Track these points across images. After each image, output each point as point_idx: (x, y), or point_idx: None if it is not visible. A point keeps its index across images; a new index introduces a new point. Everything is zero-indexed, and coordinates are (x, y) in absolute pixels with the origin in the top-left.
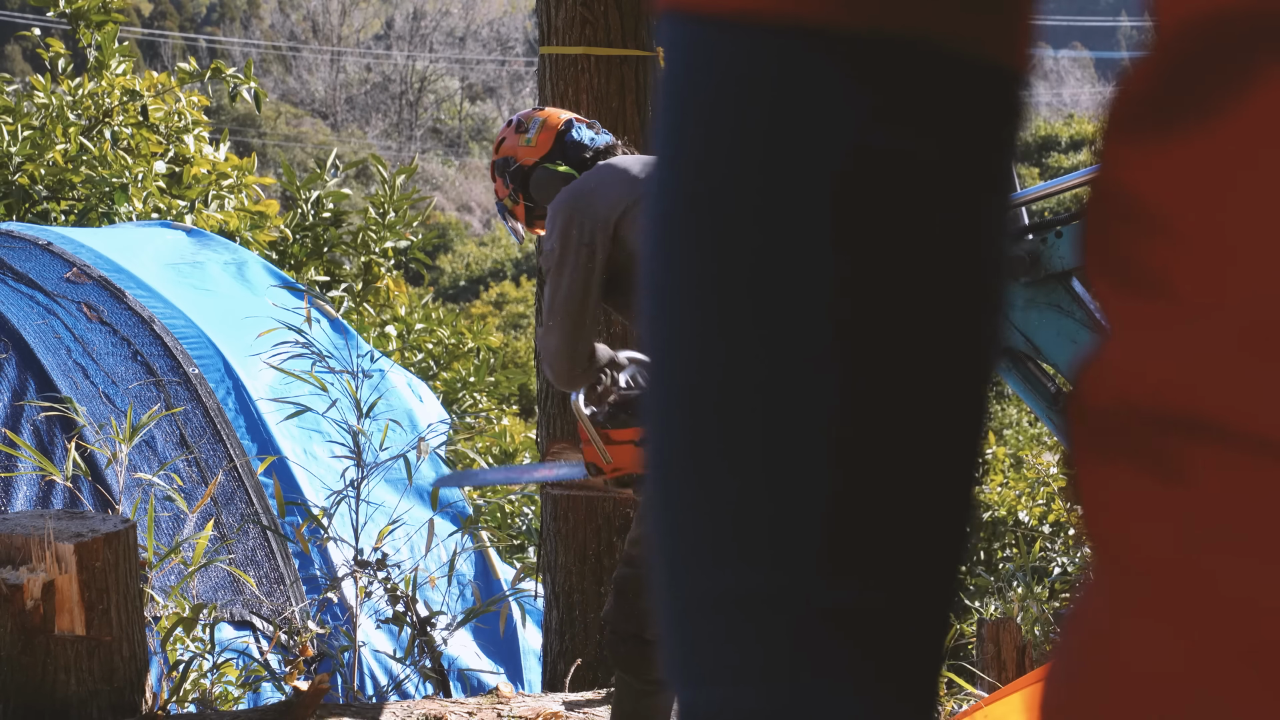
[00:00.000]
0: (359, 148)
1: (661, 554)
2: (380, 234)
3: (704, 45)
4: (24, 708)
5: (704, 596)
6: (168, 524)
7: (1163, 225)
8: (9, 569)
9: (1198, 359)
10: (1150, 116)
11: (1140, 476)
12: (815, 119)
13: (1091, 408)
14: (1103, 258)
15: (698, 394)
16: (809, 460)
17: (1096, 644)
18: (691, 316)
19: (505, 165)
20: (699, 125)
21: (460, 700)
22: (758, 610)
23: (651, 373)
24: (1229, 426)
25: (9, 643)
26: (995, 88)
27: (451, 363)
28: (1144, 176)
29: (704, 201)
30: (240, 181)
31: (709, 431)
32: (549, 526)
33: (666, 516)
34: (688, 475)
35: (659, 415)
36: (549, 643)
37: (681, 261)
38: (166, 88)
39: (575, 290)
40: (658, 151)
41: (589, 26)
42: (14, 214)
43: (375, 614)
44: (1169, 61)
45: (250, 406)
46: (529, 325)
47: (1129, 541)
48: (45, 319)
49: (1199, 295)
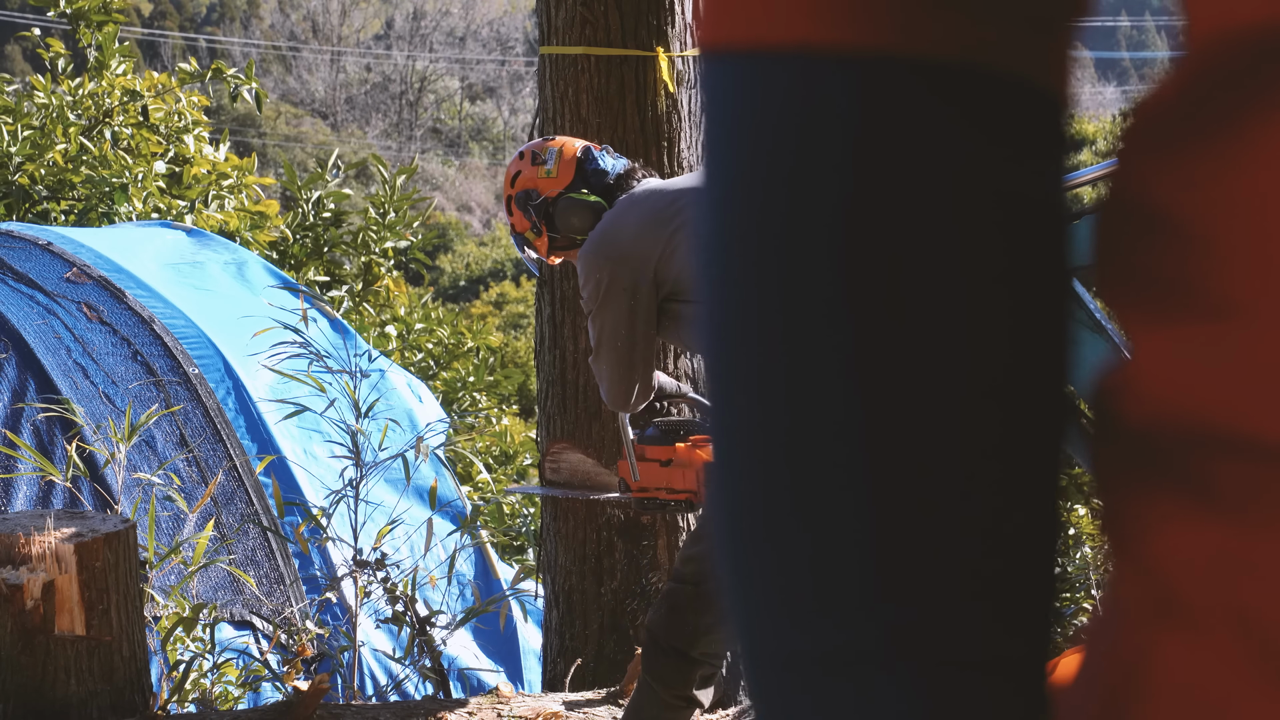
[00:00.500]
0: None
1: (738, 614)
2: (380, 234)
3: (758, 80)
4: (24, 708)
5: (779, 655)
6: (168, 524)
7: (1198, 239)
8: (9, 569)
9: (1240, 376)
10: (1180, 128)
11: (1181, 497)
12: (886, 148)
13: (1123, 428)
14: (1123, 271)
15: (768, 450)
16: (890, 514)
17: (1130, 662)
18: (759, 371)
19: (527, 199)
20: (765, 166)
21: (460, 700)
22: (838, 668)
23: (718, 428)
24: (1270, 444)
25: (9, 643)
26: (1048, 114)
27: (451, 363)
28: (1175, 190)
29: (772, 246)
30: (240, 182)
31: (782, 487)
32: (549, 526)
33: (741, 574)
34: (759, 534)
35: (727, 472)
36: (549, 643)
37: (746, 312)
38: (167, 88)
39: (618, 331)
40: (711, 194)
41: (589, 26)
42: (14, 214)
43: (375, 614)
44: (1202, 72)
45: (250, 406)
46: (529, 325)
47: (1167, 564)
48: (45, 319)
49: (1241, 310)
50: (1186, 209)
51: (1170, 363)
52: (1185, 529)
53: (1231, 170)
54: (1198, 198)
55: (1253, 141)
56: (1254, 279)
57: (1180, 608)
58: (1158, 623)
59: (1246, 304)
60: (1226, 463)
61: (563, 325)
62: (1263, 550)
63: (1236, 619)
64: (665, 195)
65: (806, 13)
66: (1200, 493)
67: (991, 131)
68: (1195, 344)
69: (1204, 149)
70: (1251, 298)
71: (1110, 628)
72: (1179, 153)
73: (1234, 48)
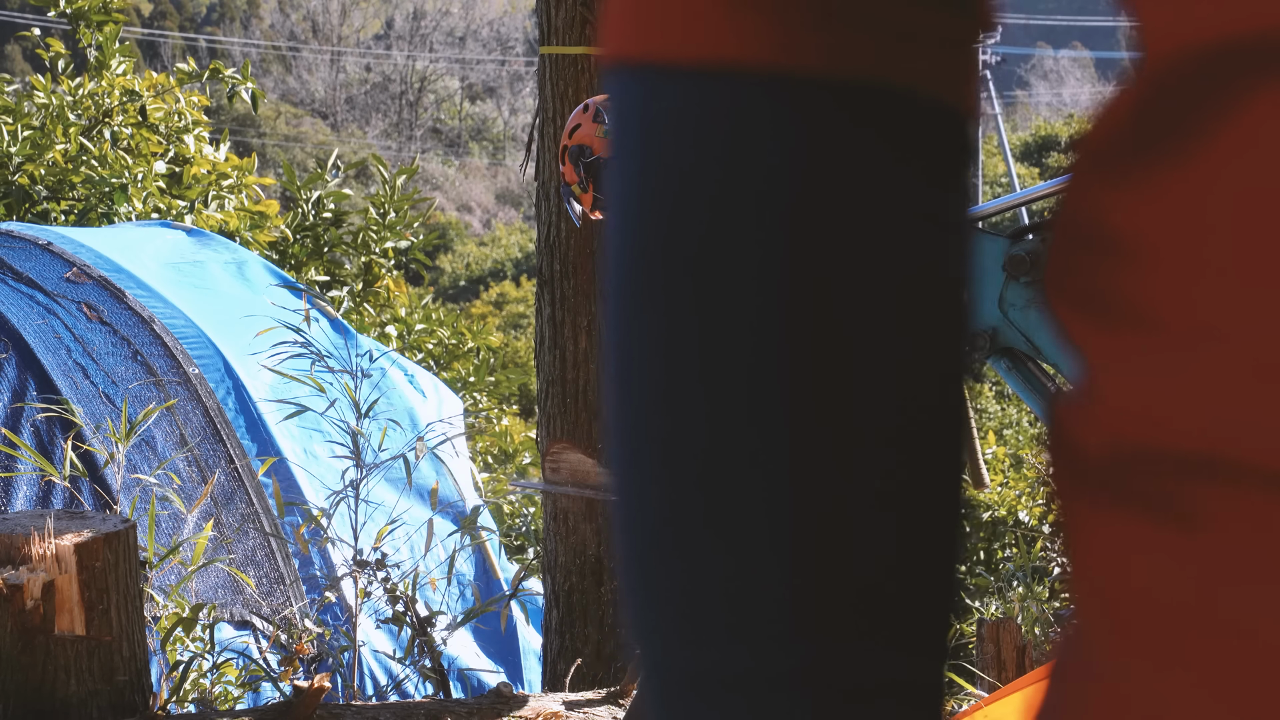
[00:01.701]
0: (359, 148)
1: (640, 633)
2: (380, 234)
3: (661, 96)
4: (24, 708)
5: (685, 675)
6: (168, 524)
7: (1147, 257)
8: (9, 569)
9: (1196, 394)
10: (1129, 148)
11: (1144, 521)
12: (781, 164)
13: (1081, 451)
14: (1074, 291)
15: (670, 462)
16: (792, 531)
17: (1100, 693)
18: (660, 383)
19: (580, 154)
20: (663, 177)
21: (460, 700)
22: (743, 687)
23: (617, 440)
24: (1240, 463)
25: (9, 643)
26: (950, 128)
27: (451, 363)
28: (1125, 208)
29: (674, 258)
30: (240, 182)
31: (685, 504)
32: (549, 526)
33: (643, 594)
34: (662, 552)
35: (626, 490)
36: (549, 643)
37: (648, 326)
38: (166, 88)
39: None
40: (613, 208)
41: (589, 26)
42: (14, 214)
43: (375, 614)
44: (1153, 92)
45: (250, 406)
46: (529, 325)
47: (1135, 588)
48: (45, 319)
49: (1195, 328)
50: (1136, 228)
51: (1125, 384)
52: (1144, 549)
53: (1176, 187)
54: (1148, 217)
55: (1194, 160)
56: (1203, 295)
57: (1138, 628)
58: (1118, 646)
59: (1198, 321)
60: (1198, 485)
61: (563, 325)
62: (1245, 573)
63: (1204, 639)
64: None
65: (721, 30)
66: (1160, 513)
67: (904, 148)
68: (1153, 365)
69: (1151, 169)
70: (1203, 315)
71: (1074, 658)
72: (1126, 173)
73: (1186, 65)
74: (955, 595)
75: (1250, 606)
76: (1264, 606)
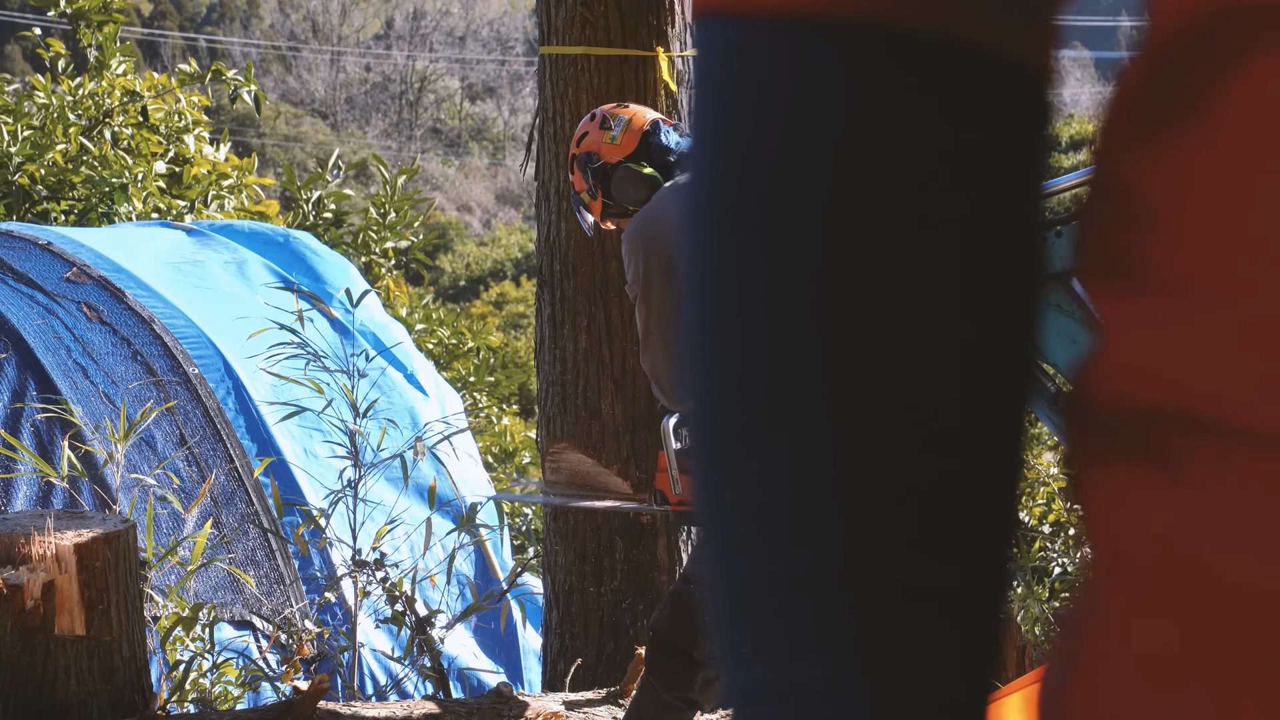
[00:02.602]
0: (359, 148)
1: (713, 538)
2: (380, 234)
3: (739, 45)
4: (24, 708)
5: (758, 577)
6: (167, 524)
7: (1159, 220)
8: (9, 569)
9: (1193, 354)
10: (1145, 113)
11: (1139, 473)
12: (852, 113)
13: (1090, 407)
14: (1098, 255)
15: (747, 376)
16: (858, 442)
17: (1097, 636)
18: (739, 306)
19: (588, 160)
20: (741, 123)
21: (460, 700)
22: (811, 588)
23: (700, 357)
24: (1224, 421)
25: (9, 643)
26: (1024, 87)
27: (451, 363)
28: (1141, 172)
29: (750, 196)
30: (240, 182)
31: (758, 414)
32: (549, 526)
33: (718, 500)
34: (738, 460)
35: (706, 398)
36: (549, 643)
37: (727, 251)
38: (167, 88)
39: (665, 310)
40: (697, 149)
41: (589, 26)
42: (14, 214)
43: (374, 614)
44: (1162, 58)
45: (250, 406)
46: (529, 325)
47: (1129, 536)
48: (45, 319)
49: (1195, 291)
50: (1149, 191)
51: (1132, 343)
52: (1143, 500)
53: (1188, 153)
54: (1159, 180)
55: (1205, 125)
56: (1205, 260)
57: (1134, 576)
58: (1115, 593)
59: (1197, 284)
60: (1186, 440)
61: (563, 325)
62: (1222, 525)
63: (1189, 587)
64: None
65: None
66: (1158, 466)
67: (968, 104)
68: (1153, 325)
69: (1164, 133)
70: (1202, 278)
71: (1080, 602)
72: (1143, 137)
73: (1189, 34)
74: (1012, 518)
75: (1222, 556)
76: (1235, 558)
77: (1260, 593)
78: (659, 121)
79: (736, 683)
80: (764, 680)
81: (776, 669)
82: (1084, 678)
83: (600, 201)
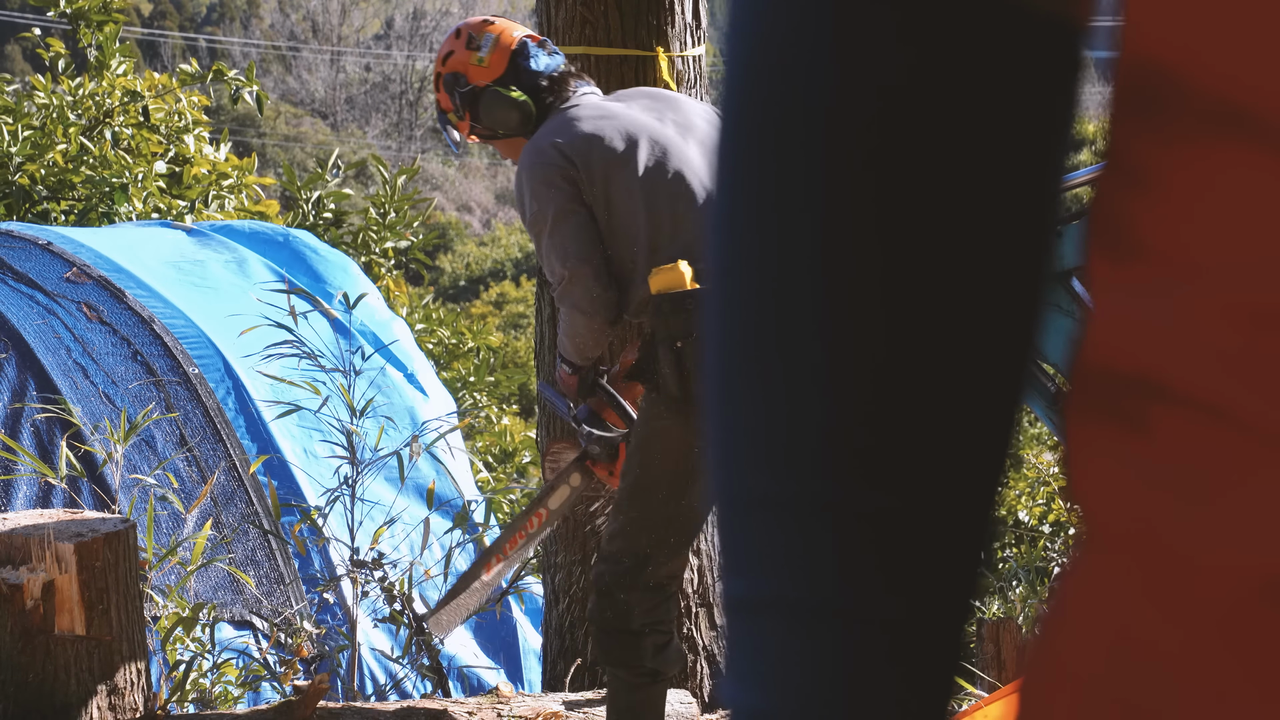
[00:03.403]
0: (359, 148)
1: (716, 452)
2: (380, 234)
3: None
4: (24, 708)
5: (749, 495)
6: (167, 524)
7: (1155, 187)
8: (9, 569)
9: (1154, 323)
10: (1127, 94)
11: (1111, 432)
12: (870, 60)
13: (1077, 371)
14: (1099, 226)
15: (759, 305)
16: (855, 375)
17: (1069, 587)
18: (752, 232)
19: (454, 82)
20: (761, 64)
21: (460, 700)
22: (796, 512)
23: (717, 279)
24: (1181, 391)
25: (9, 643)
26: (1055, 39)
27: (451, 363)
28: (1137, 141)
29: (764, 134)
30: (240, 182)
31: (763, 343)
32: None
33: (723, 419)
34: (739, 386)
35: (720, 321)
36: (549, 643)
37: (744, 188)
38: (167, 88)
39: (581, 234)
40: (724, 86)
41: (589, 26)
42: (14, 214)
43: (373, 613)
44: (1127, 84)
45: (250, 406)
46: (529, 325)
47: (1100, 493)
48: (45, 319)
49: (1169, 261)
50: (1145, 159)
51: (1109, 309)
52: (1112, 461)
53: (1165, 128)
54: (1153, 149)
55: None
56: (1180, 231)
57: (1100, 535)
58: (1089, 552)
59: (1168, 255)
60: (1150, 403)
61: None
62: (1173, 484)
63: (1160, 556)
64: (594, 108)
65: None
66: (1131, 428)
67: (993, 51)
68: (1128, 292)
69: (1148, 110)
70: (1173, 250)
71: (1069, 563)
72: (1130, 107)
73: (1141, 77)
74: (1001, 466)
75: (1172, 513)
76: (1183, 514)
77: (1200, 554)
78: (527, 41)
79: (729, 593)
80: (753, 592)
81: (758, 583)
82: (1054, 624)
83: (468, 122)
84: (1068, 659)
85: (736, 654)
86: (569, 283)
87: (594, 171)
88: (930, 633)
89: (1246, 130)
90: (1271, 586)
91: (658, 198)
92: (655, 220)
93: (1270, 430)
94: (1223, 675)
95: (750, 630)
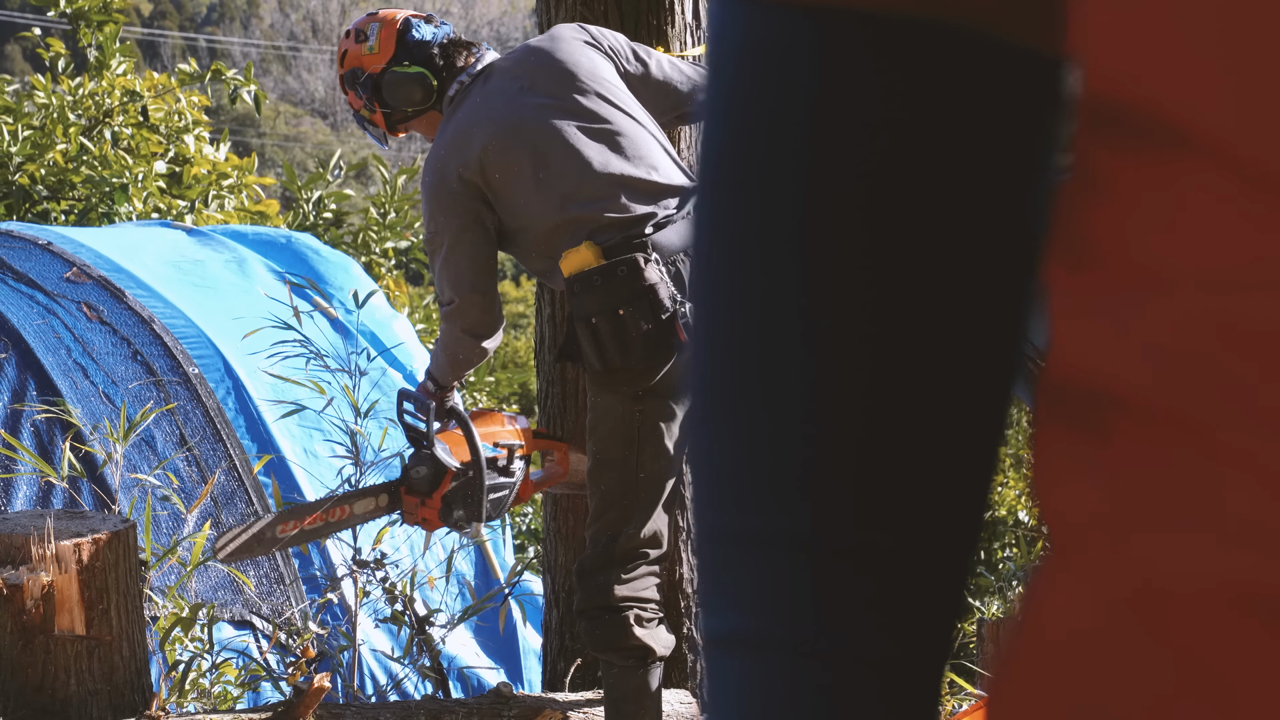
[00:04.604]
0: (359, 148)
1: (698, 487)
2: (381, 234)
3: (741, 22)
4: (24, 708)
5: (732, 531)
6: (167, 524)
7: (1105, 194)
8: (9, 569)
9: (1111, 329)
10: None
11: (1073, 438)
12: (848, 100)
13: (1043, 381)
14: (1059, 233)
15: (742, 338)
16: (838, 413)
17: (1031, 600)
18: (736, 269)
19: (354, 77)
20: (740, 101)
21: (460, 700)
22: (779, 549)
23: (700, 313)
24: (1133, 396)
25: (9, 643)
26: (1033, 73)
27: None
28: (1094, 149)
29: (747, 172)
30: (240, 182)
31: (746, 379)
32: (549, 526)
33: (704, 453)
34: (721, 420)
35: (704, 355)
36: (549, 643)
37: (726, 225)
38: (167, 88)
39: (475, 261)
40: (705, 116)
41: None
42: (14, 214)
43: (374, 613)
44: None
45: (250, 406)
46: (529, 325)
47: (1063, 502)
48: (45, 319)
49: (1122, 268)
50: (1105, 165)
51: (1067, 311)
52: (1078, 475)
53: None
54: (1112, 156)
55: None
56: (1138, 240)
57: (1067, 551)
58: (1052, 568)
59: (1118, 258)
60: (1107, 412)
61: (562, 325)
62: (1131, 496)
63: (1117, 564)
64: (480, 106)
65: None
66: (1092, 436)
67: (959, 89)
68: (1082, 300)
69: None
70: (1122, 252)
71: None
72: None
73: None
74: (982, 501)
75: (1147, 533)
76: (1143, 528)
77: (1160, 566)
78: (409, 18)
79: (709, 629)
80: (728, 628)
81: (739, 620)
82: (1015, 639)
83: (380, 113)
84: (1026, 664)
85: (716, 691)
86: (458, 309)
87: (493, 183)
88: (912, 671)
89: (1194, 148)
90: (1242, 598)
91: (552, 182)
92: (559, 202)
93: (1229, 438)
94: (1185, 684)
95: (729, 668)
